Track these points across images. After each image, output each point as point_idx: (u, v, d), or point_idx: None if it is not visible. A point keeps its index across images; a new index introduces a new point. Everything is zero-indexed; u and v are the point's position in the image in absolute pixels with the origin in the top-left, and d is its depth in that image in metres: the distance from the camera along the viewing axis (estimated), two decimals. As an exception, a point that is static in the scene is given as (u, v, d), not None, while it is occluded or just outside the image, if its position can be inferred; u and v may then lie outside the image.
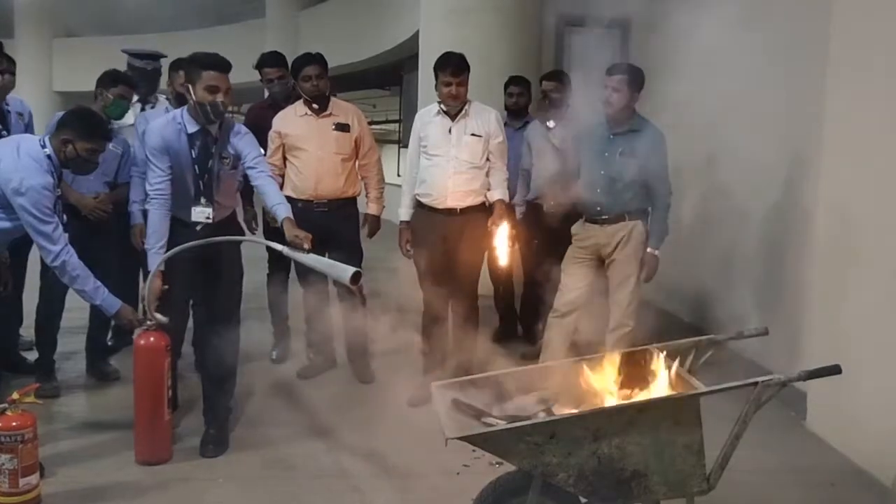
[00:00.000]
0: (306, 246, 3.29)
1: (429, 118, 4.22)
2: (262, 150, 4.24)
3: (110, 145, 3.86)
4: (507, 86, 5.29)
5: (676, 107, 5.37)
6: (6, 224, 3.23)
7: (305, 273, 4.53)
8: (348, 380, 4.57)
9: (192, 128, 3.48)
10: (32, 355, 4.39)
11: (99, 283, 3.29)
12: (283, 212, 3.49)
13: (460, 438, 2.28)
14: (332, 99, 4.58)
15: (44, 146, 3.24)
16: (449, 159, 4.11)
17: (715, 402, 2.39)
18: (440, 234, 4.11)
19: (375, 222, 4.64)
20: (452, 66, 4.06)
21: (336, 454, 3.57)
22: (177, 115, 3.54)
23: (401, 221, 4.34)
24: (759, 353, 4.43)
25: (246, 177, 3.71)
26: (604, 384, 2.64)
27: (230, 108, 3.59)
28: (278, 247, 3.39)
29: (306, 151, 4.41)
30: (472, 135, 4.12)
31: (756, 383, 2.31)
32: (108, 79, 4.25)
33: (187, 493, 3.21)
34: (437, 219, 4.15)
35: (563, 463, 2.30)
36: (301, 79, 4.44)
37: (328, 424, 3.91)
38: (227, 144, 3.57)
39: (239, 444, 3.62)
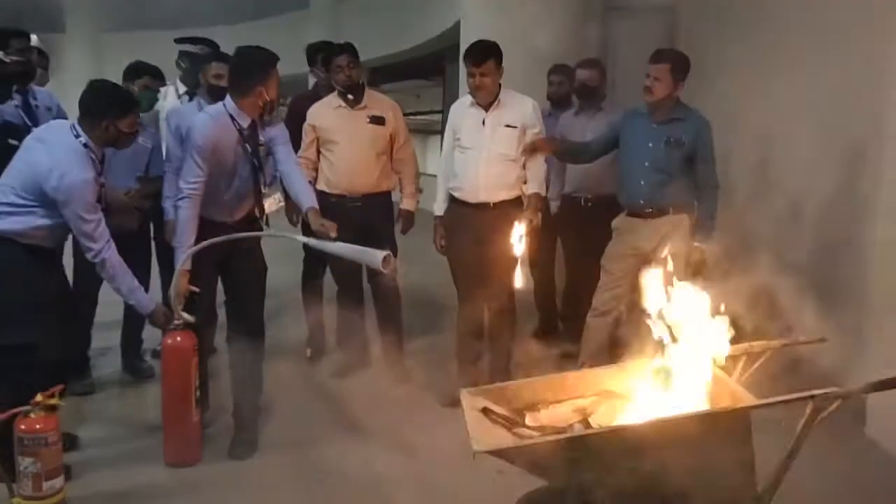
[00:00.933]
0: (332, 234, 3.23)
1: (462, 110, 4.07)
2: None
3: (139, 139, 3.79)
4: (549, 74, 5.12)
5: (726, 98, 5.16)
6: (47, 221, 3.06)
7: (340, 271, 4.43)
8: (383, 379, 4.45)
9: (245, 122, 3.37)
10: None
11: (136, 283, 3.20)
12: (307, 201, 3.45)
13: (489, 453, 2.15)
14: (368, 90, 4.45)
15: (77, 135, 3.08)
16: (482, 151, 3.94)
17: (767, 410, 2.20)
18: (473, 229, 3.95)
19: (410, 218, 4.51)
20: (474, 56, 3.86)
21: (367, 458, 3.45)
22: (221, 110, 3.39)
23: (435, 217, 4.20)
24: (817, 358, 4.17)
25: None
26: (646, 394, 2.47)
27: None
28: (303, 239, 3.32)
29: (339, 145, 4.30)
30: (507, 126, 3.93)
31: (813, 396, 2.12)
32: (133, 71, 4.18)
33: (215, 497, 3.15)
34: (469, 213, 3.99)
35: (600, 480, 2.15)
36: (333, 70, 4.33)
37: (361, 426, 3.81)
38: (262, 132, 3.50)
39: (270, 446, 3.55)
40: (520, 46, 5.20)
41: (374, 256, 3.09)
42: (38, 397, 2.87)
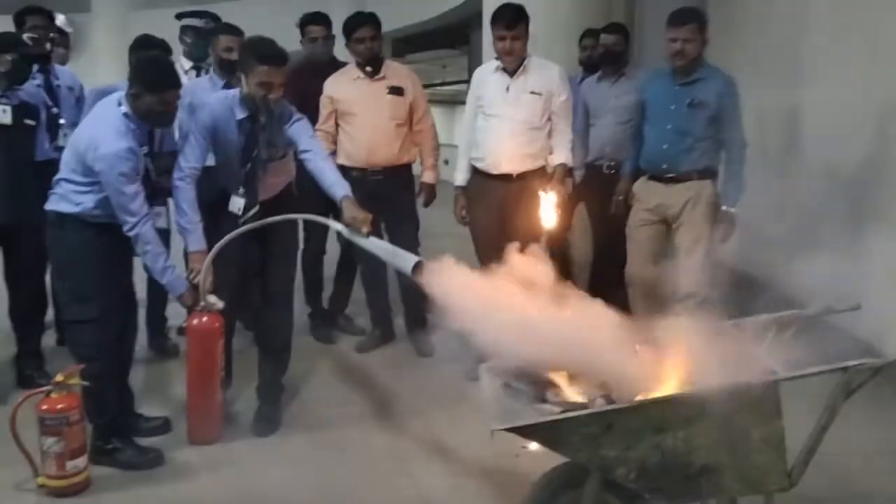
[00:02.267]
0: (365, 229, 3.11)
1: (486, 76, 3.97)
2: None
3: None
4: (581, 39, 4.98)
5: (756, 57, 4.98)
6: (95, 196, 3.03)
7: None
8: (407, 353, 4.42)
9: (241, 114, 3.27)
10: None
11: (171, 262, 3.14)
12: (340, 191, 3.26)
13: (507, 430, 2.09)
14: (386, 61, 4.37)
15: (120, 104, 3.05)
16: (505, 120, 3.85)
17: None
18: (496, 201, 3.87)
19: (431, 191, 4.44)
20: (506, 19, 3.78)
21: (390, 433, 3.44)
22: (229, 96, 3.35)
23: (456, 187, 4.12)
24: (853, 327, 4.03)
25: None
26: (669, 367, 2.38)
27: None
28: (338, 226, 3.20)
29: (359, 116, 4.23)
30: (532, 93, 3.84)
31: (845, 368, 2.03)
32: (140, 44, 4.13)
33: (238, 474, 3.12)
34: (491, 185, 3.91)
35: (623, 457, 2.08)
36: (354, 41, 4.24)
37: (383, 401, 3.79)
38: (278, 133, 3.33)
39: (292, 423, 3.53)
40: (543, 11, 5.06)
41: (407, 262, 2.93)
42: (60, 376, 2.89)
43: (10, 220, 3.70)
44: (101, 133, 2.97)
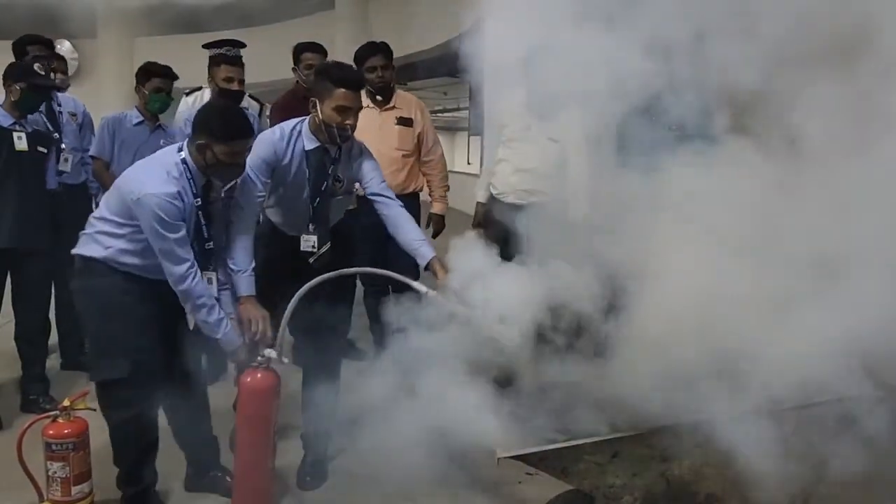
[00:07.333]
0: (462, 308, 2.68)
1: (513, 104, 3.95)
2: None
3: (161, 142, 3.79)
4: None
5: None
6: (135, 245, 2.75)
7: (368, 277, 4.34)
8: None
9: (311, 144, 3.00)
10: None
11: (223, 314, 2.80)
12: (428, 252, 2.95)
13: (513, 457, 2.12)
14: (398, 91, 4.41)
15: (179, 150, 2.81)
16: (513, 161, 3.93)
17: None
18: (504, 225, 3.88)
19: (440, 221, 4.47)
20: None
21: (395, 460, 3.43)
22: (294, 128, 3.03)
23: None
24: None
25: None
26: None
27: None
28: (423, 288, 2.77)
29: (367, 146, 4.26)
30: (550, 139, 3.80)
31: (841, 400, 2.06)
32: (143, 73, 4.18)
33: (241, 501, 3.12)
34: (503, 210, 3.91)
35: (628, 485, 2.10)
36: (365, 70, 4.26)
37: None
38: (345, 166, 3.09)
39: (297, 452, 3.52)
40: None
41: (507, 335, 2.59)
42: (67, 402, 2.90)
43: (19, 244, 3.73)
44: (149, 176, 2.72)
